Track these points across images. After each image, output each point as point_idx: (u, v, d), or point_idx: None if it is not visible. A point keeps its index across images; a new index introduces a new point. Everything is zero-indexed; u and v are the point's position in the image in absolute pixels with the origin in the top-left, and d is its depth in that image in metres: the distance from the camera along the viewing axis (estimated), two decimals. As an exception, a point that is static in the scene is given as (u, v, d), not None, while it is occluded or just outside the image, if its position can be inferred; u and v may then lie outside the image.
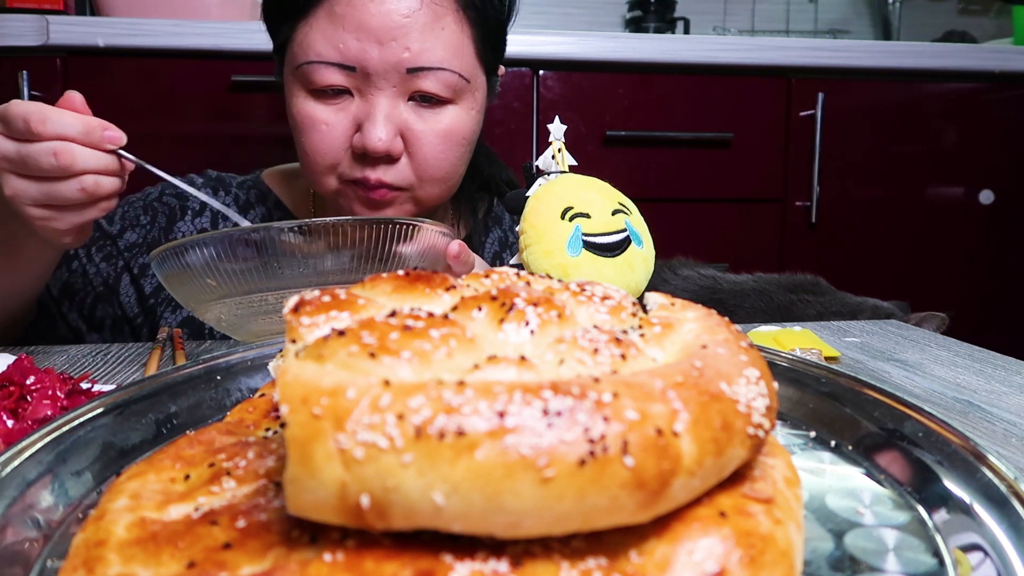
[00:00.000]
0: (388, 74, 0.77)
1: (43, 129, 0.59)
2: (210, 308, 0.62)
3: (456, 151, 0.83)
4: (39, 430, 0.36)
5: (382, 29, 0.76)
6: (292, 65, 0.80)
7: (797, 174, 1.65)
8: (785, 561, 0.25)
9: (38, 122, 0.59)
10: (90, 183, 0.62)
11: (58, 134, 0.60)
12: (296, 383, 0.24)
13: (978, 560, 0.30)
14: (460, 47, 0.80)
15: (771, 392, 0.30)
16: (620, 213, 0.54)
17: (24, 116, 0.59)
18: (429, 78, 0.78)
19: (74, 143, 0.61)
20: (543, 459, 0.22)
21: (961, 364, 0.69)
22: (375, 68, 0.76)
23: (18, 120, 0.60)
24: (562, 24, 2.25)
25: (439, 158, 0.81)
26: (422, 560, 0.23)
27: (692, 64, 1.56)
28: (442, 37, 0.78)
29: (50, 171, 0.61)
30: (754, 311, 1.17)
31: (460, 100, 0.81)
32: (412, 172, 0.81)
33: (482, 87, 0.86)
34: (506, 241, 1.04)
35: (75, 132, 0.61)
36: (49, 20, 1.35)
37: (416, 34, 0.76)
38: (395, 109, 0.78)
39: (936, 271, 1.74)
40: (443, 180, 0.84)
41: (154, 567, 0.25)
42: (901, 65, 1.63)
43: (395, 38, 0.76)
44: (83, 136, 0.61)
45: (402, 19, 0.76)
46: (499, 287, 0.34)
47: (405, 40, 0.76)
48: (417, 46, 0.77)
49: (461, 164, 0.86)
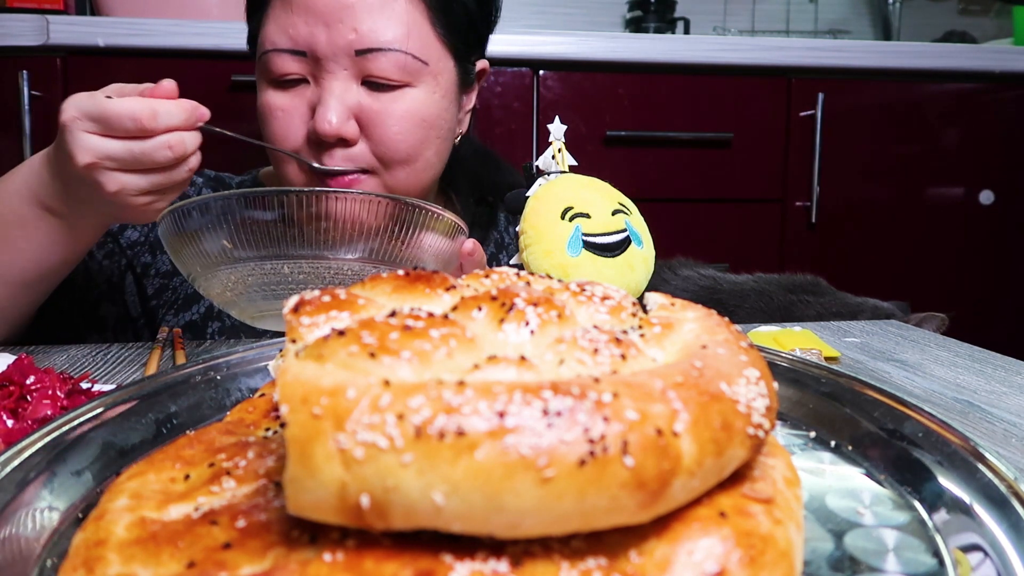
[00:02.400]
0: (337, 57, 0.76)
1: (155, 125, 0.61)
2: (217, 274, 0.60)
3: (417, 132, 0.80)
4: (39, 430, 0.36)
5: (328, 11, 0.75)
6: (257, 57, 0.81)
7: (797, 174, 1.65)
8: (785, 561, 0.25)
9: (150, 119, 0.61)
10: (195, 161, 0.66)
11: (169, 127, 0.62)
12: (296, 383, 0.24)
13: (978, 560, 0.30)
14: (412, 27, 0.78)
15: (771, 392, 0.30)
16: (620, 213, 0.54)
17: (132, 116, 0.61)
18: (379, 59, 0.77)
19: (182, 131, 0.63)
20: (543, 459, 0.22)
21: (961, 364, 0.69)
22: (324, 51, 0.76)
23: (125, 120, 0.61)
24: (562, 24, 2.25)
25: (397, 139, 0.79)
26: (422, 560, 0.23)
27: (692, 64, 1.56)
28: (392, 17, 0.77)
29: (167, 163, 0.63)
30: (754, 311, 1.17)
31: (419, 82, 0.79)
32: (372, 154, 0.80)
33: (447, 72, 0.83)
34: (502, 243, 1.04)
35: (181, 121, 0.63)
36: (49, 20, 1.35)
37: (364, 14, 0.76)
38: (347, 92, 0.77)
39: (936, 271, 1.74)
40: (406, 162, 0.81)
41: (154, 567, 0.25)
42: (901, 65, 1.63)
43: (341, 19, 0.75)
44: (187, 123, 0.64)
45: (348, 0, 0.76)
46: (499, 287, 0.34)
47: (352, 21, 0.76)
48: (365, 26, 0.76)
49: (426, 148, 0.82)
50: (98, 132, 0.62)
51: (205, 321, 0.88)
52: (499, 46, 1.47)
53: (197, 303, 0.88)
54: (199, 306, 0.88)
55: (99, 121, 0.61)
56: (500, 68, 1.52)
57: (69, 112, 0.62)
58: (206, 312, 0.88)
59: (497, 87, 1.53)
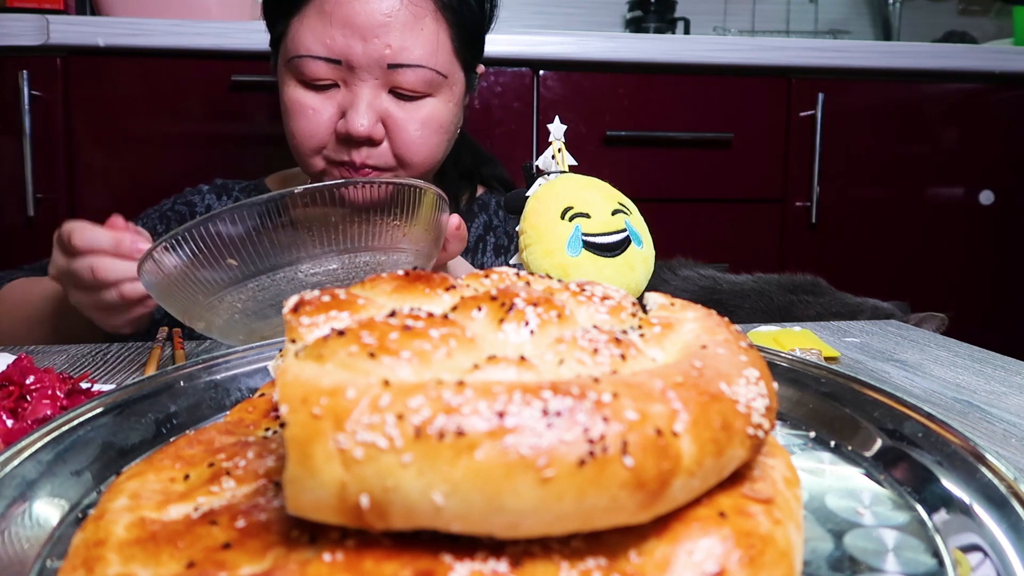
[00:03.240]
0: (371, 68, 0.84)
1: (77, 243, 0.66)
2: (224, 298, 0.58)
3: (434, 138, 0.89)
4: (39, 430, 0.36)
5: (366, 26, 0.83)
6: (285, 58, 0.88)
7: (797, 174, 1.65)
8: (785, 561, 0.25)
9: (72, 236, 0.66)
10: (128, 289, 0.67)
11: (90, 247, 0.66)
12: (296, 383, 0.24)
13: (978, 560, 0.30)
14: (437, 46, 0.87)
15: (771, 392, 0.30)
16: (620, 213, 0.54)
17: (66, 232, 0.66)
18: (408, 74, 0.85)
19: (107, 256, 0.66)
20: (543, 459, 0.22)
21: (961, 364, 0.69)
22: (359, 62, 0.84)
23: (62, 237, 0.67)
24: (562, 24, 2.25)
25: (418, 143, 0.87)
26: (422, 560, 0.23)
27: (692, 64, 1.56)
28: (420, 36, 0.85)
29: (91, 283, 0.67)
30: (754, 311, 1.17)
31: (438, 93, 0.88)
32: (392, 156, 0.88)
33: (460, 82, 0.92)
34: (490, 225, 1.10)
35: (106, 245, 0.66)
36: (49, 20, 1.35)
37: (396, 32, 0.84)
38: (377, 99, 0.85)
39: (936, 271, 1.74)
40: (422, 164, 0.90)
41: (154, 567, 0.25)
42: (901, 65, 1.63)
43: (377, 35, 0.83)
44: (113, 249, 0.66)
45: (384, 18, 0.83)
46: (499, 287, 0.34)
47: (387, 37, 0.83)
48: (397, 43, 0.84)
49: (439, 151, 0.92)
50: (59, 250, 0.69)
51: None
52: (499, 46, 1.47)
53: None
54: None
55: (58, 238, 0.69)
56: (500, 68, 1.52)
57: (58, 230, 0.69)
58: None
59: (497, 87, 1.53)
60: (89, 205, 1.42)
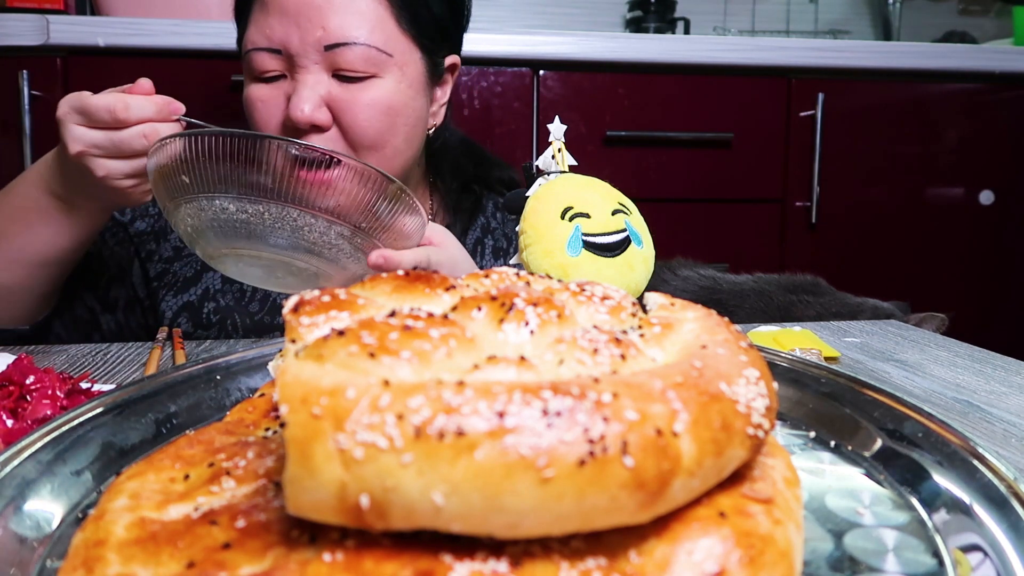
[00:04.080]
0: (309, 52, 0.84)
1: (128, 116, 0.69)
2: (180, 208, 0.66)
3: (383, 119, 0.87)
4: (39, 430, 0.36)
5: (299, 12, 0.83)
6: (242, 58, 0.90)
7: (797, 174, 1.65)
8: (784, 561, 0.25)
9: (123, 110, 0.69)
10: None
11: (141, 118, 0.70)
12: (296, 383, 0.24)
13: (978, 560, 0.30)
14: (376, 23, 0.86)
15: (771, 392, 0.30)
16: (620, 213, 0.54)
17: (108, 108, 0.69)
18: (346, 53, 0.84)
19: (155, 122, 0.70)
20: (543, 459, 0.22)
21: (961, 364, 0.69)
22: (296, 48, 0.84)
23: (102, 112, 0.69)
24: (562, 24, 2.25)
25: (365, 125, 0.86)
26: (422, 560, 0.23)
27: (692, 64, 1.56)
28: (356, 15, 0.85)
29: (142, 150, 0.70)
30: (754, 311, 1.17)
31: (384, 74, 0.87)
32: (344, 141, 0.87)
33: (414, 63, 0.90)
34: (488, 227, 1.09)
35: (153, 113, 0.70)
36: (49, 20, 1.35)
37: (330, 14, 0.83)
38: (319, 84, 0.85)
39: (936, 271, 1.74)
40: (374, 147, 0.88)
41: (153, 567, 0.25)
42: (901, 65, 1.63)
43: (311, 18, 0.83)
44: (159, 115, 0.71)
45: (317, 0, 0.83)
46: (499, 287, 0.34)
47: (320, 20, 0.83)
48: (332, 24, 0.83)
49: (394, 135, 0.89)
50: (85, 124, 0.70)
51: (201, 302, 0.95)
52: (499, 46, 1.47)
53: (195, 285, 0.96)
54: (196, 288, 0.96)
55: (83, 114, 0.70)
56: (500, 68, 1.52)
57: (62, 108, 0.71)
58: (203, 294, 0.96)
59: (497, 87, 1.53)
60: (89, 205, 1.42)
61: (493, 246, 1.08)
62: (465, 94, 1.52)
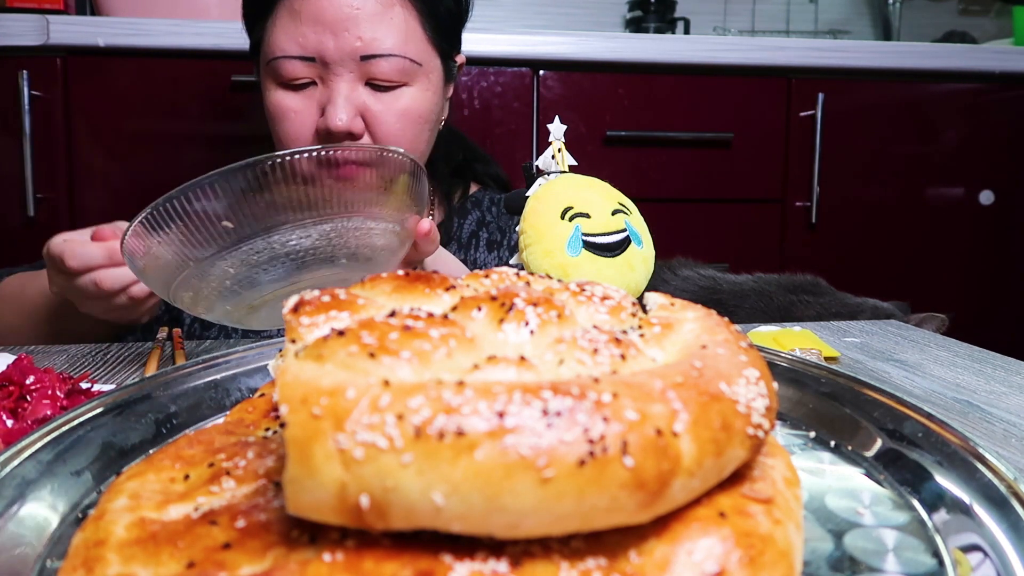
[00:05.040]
0: (344, 61, 0.85)
1: (75, 264, 0.67)
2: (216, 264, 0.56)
3: (414, 128, 0.90)
4: (39, 430, 0.36)
5: (335, 21, 0.84)
6: (264, 61, 0.89)
7: (797, 174, 1.65)
8: (784, 561, 0.25)
9: (70, 259, 0.67)
10: (136, 291, 0.68)
11: (86, 266, 0.67)
12: (296, 383, 0.24)
13: (978, 561, 0.30)
14: (408, 34, 0.88)
15: (771, 392, 0.30)
16: (620, 213, 0.54)
17: (58, 256, 0.67)
18: (381, 64, 0.85)
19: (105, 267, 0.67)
20: (543, 459, 0.22)
21: (961, 364, 0.69)
22: (332, 57, 0.84)
23: (56, 259, 0.68)
24: (562, 24, 2.25)
25: (398, 134, 0.88)
26: (422, 560, 0.23)
27: (692, 64, 1.56)
28: (391, 25, 0.86)
29: (98, 295, 0.68)
30: (754, 311, 1.17)
31: (414, 82, 0.89)
32: None
33: (436, 70, 0.93)
34: (483, 220, 1.10)
35: (101, 260, 0.67)
36: (49, 20, 1.35)
37: (366, 24, 0.85)
38: (354, 92, 0.86)
39: (936, 272, 1.74)
40: None
41: (153, 567, 0.25)
42: (901, 65, 1.63)
43: (347, 28, 0.84)
44: (108, 261, 0.67)
45: (352, 10, 0.84)
46: (499, 287, 0.34)
47: (357, 30, 0.84)
48: (368, 35, 0.85)
49: (421, 141, 0.92)
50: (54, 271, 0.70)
51: None
52: (499, 46, 1.47)
53: None
54: None
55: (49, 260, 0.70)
56: (500, 68, 1.52)
57: (45, 248, 0.70)
58: None
59: (497, 87, 1.53)
60: (89, 205, 1.42)
61: (487, 239, 1.09)
62: (465, 94, 1.52)
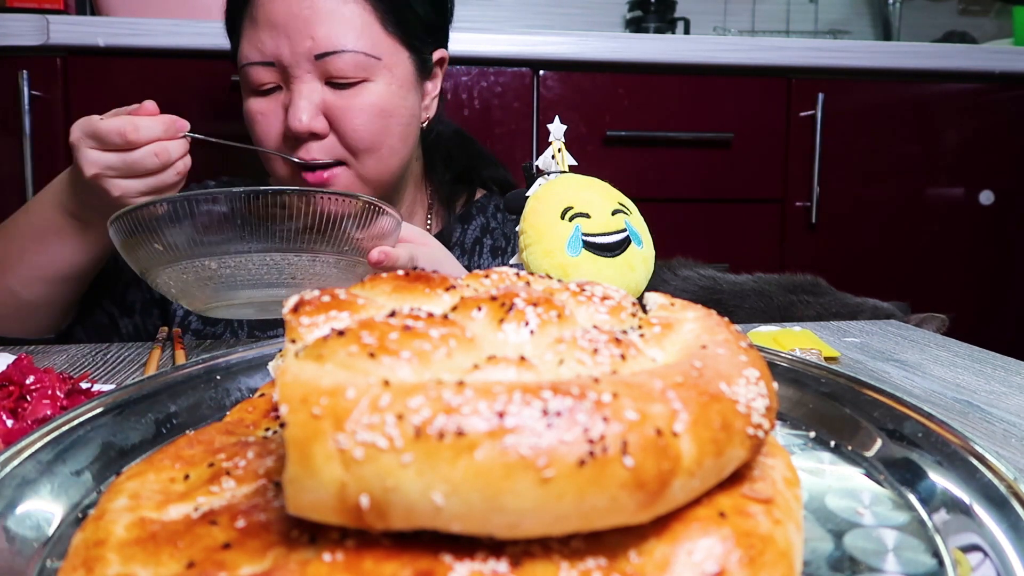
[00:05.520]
0: (300, 62, 0.86)
1: (138, 136, 0.72)
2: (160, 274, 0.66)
3: (379, 122, 0.89)
4: (39, 430, 0.36)
5: (288, 23, 0.86)
6: (239, 72, 0.92)
7: (797, 174, 1.65)
8: (784, 561, 0.25)
9: (132, 132, 0.71)
10: (182, 165, 0.76)
11: (151, 138, 0.73)
12: (296, 383, 0.24)
13: (978, 561, 0.30)
14: (363, 29, 0.88)
15: (771, 392, 0.30)
16: (620, 213, 0.54)
17: (118, 131, 0.71)
18: (336, 61, 0.86)
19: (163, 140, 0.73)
20: (543, 459, 0.22)
21: (961, 364, 0.69)
22: (288, 60, 0.86)
23: (113, 135, 0.71)
24: (562, 24, 2.25)
25: (361, 130, 0.88)
26: (422, 560, 0.23)
27: (692, 64, 1.56)
28: (343, 22, 0.87)
29: (155, 168, 0.73)
30: (754, 311, 1.17)
31: (376, 77, 0.89)
32: (341, 146, 0.89)
33: (402, 63, 0.92)
34: (487, 227, 1.09)
35: (161, 132, 0.73)
36: (49, 20, 1.35)
37: (317, 23, 0.86)
38: (313, 92, 0.87)
39: (936, 272, 1.74)
40: (373, 150, 0.90)
41: (153, 567, 0.25)
42: (901, 65, 1.63)
43: (299, 29, 0.86)
44: (167, 133, 0.74)
45: (303, 11, 0.86)
46: (499, 287, 0.34)
47: (308, 30, 0.85)
48: (320, 33, 0.86)
49: (389, 136, 0.91)
50: (98, 147, 0.73)
51: None
52: (499, 46, 1.47)
53: None
54: None
55: (95, 138, 0.72)
56: (500, 68, 1.52)
57: (75, 133, 0.73)
58: None
59: (497, 87, 1.53)
60: (89, 205, 1.42)
61: (492, 246, 1.08)
62: (465, 94, 1.52)
